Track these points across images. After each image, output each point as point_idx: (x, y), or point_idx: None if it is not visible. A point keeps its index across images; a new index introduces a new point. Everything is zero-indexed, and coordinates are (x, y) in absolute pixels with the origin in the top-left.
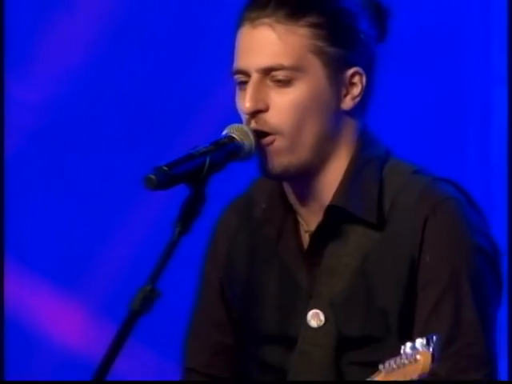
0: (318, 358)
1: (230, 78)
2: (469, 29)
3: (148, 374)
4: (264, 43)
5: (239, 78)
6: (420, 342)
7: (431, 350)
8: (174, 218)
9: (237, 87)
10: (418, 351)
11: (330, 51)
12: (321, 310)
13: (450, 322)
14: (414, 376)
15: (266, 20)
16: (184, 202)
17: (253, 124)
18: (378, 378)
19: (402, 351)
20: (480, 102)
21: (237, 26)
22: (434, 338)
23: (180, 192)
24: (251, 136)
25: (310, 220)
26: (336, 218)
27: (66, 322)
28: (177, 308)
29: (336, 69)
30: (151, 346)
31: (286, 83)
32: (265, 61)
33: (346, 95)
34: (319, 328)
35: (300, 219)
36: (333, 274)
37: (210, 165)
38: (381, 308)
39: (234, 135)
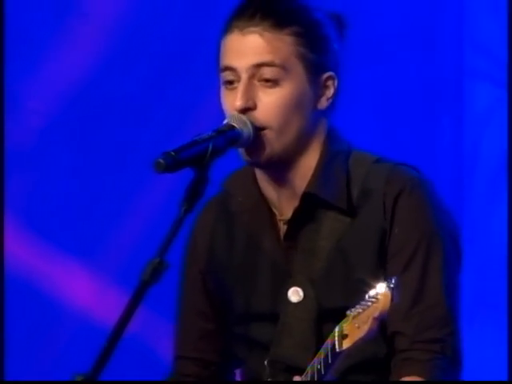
0: (299, 329)
1: None
2: (442, 24)
3: (159, 338)
4: (254, 46)
5: (227, 75)
6: (380, 285)
7: (390, 290)
8: (180, 198)
9: (222, 87)
10: (378, 292)
11: (310, 57)
12: (300, 287)
13: (416, 287)
14: (376, 314)
15: (254, 29)
16: (189, 184)
17: None
18: (345, 323)
19: (366, 296)
20: (453, 97)
21: (223, 32)
22: (393, 279)
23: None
24: (249, 125)
25: (284, 208)
26: (310, 204)
27: (81, 291)
28: None
29: (314, 73)
30: (162, 314)
31: (273, 83)
32: (255, 59)
33: (321, 96)
34: (299, 303)
35: (274, 209)
36: (310, 254)
37: (213, 150)
38: (358, 279)
39: (234, 124)
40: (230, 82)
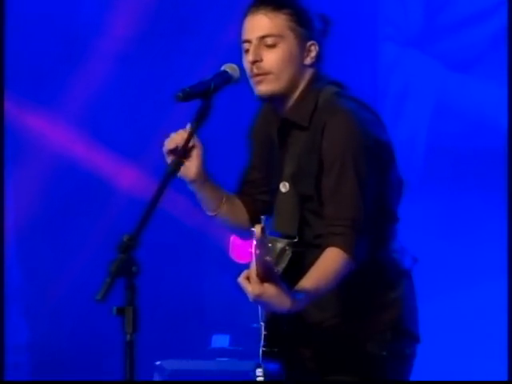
0: (287, 210)
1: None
2: (361, 6)
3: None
4: (260, 23)
5: (246, 45)
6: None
7: (262, 224)
8: (191, 119)
9: (244, 53)
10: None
11: (298, 30)
12: (287, 181)
13: (335, 181)
14: (254, 241)
15: (261, 11)
16: (197, 109)
17: (254, 70)
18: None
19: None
20: (369, 51)
21: (243, 16)
22: (263, 217)
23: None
24: (238, 70)
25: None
26: (287, 124)
27: (129, 178)
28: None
29: (302, 40)
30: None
31: (272, 46)
32: (261, 32)
33: (306, 56)
34: (286, 192)
35: None
36: (290, 158)
37: (214, 87)
38: (313, 176)
39: (227, 70)
40: (247, 50)
